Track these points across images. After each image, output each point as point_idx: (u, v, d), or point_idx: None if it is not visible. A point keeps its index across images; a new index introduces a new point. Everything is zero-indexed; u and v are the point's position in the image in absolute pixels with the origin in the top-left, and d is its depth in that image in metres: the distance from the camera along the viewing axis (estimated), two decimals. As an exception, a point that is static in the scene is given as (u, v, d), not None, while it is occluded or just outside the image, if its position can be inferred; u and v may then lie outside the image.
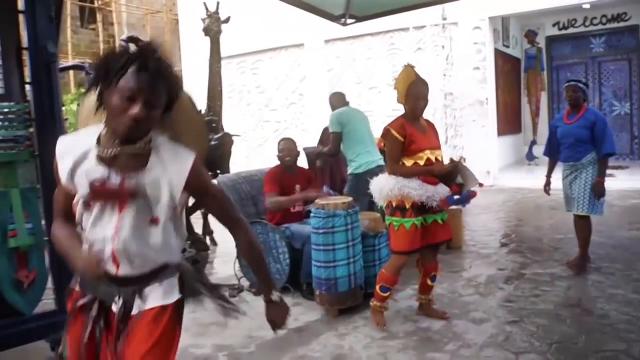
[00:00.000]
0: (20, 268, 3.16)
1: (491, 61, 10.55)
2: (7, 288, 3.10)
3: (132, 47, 1.60)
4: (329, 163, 5.91)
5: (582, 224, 4.67)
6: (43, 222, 3.25)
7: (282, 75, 12.33)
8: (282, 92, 12.43)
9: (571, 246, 5.17)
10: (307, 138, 9.43)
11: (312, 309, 4.02)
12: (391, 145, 3.52)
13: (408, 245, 3.47)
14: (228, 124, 6.25)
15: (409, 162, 3.47)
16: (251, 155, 12.36)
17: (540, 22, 12.33)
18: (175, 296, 1.75)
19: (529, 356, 3.07)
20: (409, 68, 3.62)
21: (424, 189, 3.42)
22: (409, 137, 3.45)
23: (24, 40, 3.16)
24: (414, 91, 3.51)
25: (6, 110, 3.10)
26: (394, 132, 3.47)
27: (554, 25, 12.26)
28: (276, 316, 1.95)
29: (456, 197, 3.45)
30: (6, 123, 3.09)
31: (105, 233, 1.64)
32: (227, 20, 5.65)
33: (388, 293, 3.63)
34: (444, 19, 10.36)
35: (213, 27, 5.39)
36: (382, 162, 4.73)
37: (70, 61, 11.21)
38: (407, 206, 3.43)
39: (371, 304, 3.69)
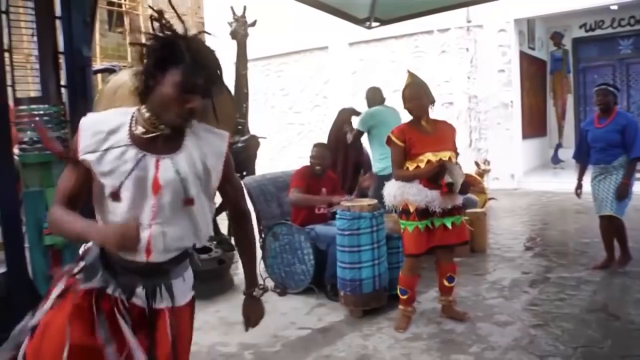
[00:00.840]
0: (54, 265, 3.26)
1: (516, 64, 10.47)
2: (42, 284, 3.20)
3: (182, 32, 1.63)
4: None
5: (610, 226, 4.65)
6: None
7: (307, 78, 12.41)
8: (306, 95, 12.50)
9: (597, 250, 5.12)
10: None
11: (336, 310, 4.06)
12: (393, 150, 3.60)
13: (413, 248, 3.53)
14: (253, 126, 6.34)
15: (411, 166, 3.51)
16: (275, 158, 12.45)
17: (566, 24, 12.19)
18: (192, 291, 1.80)
19: (553, 359, 3.08)
20: (407, 74, 3.76)
21: (423, 194, 3.45)
22: (408, 142, 3.50)
23: (60, 45, 3.29)
24: (406, 94, 3.60)
25: (43, 112, 3.21)
26: (393, 137, 3.55)
27: (580, 27, 12.11)
28: (252, 313, 1.97)
29: None
30: (43, 124, 3.20)
31: (142, 219, 1.58)
32: (253, 23, 5.74)
33: (406, 296, 3.66)
34: (469, 21, 10.34)
35: (240, 30, 5.48)
36: None
37: (98, 64, 11.43)
38: (411, 210, 3.49)
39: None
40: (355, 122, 5.69)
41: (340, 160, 5.67)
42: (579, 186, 4.91)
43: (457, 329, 3.61)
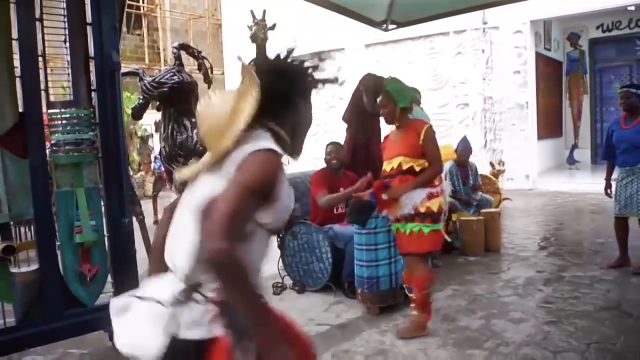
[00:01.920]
0: (84, 262, 3.40)
1: (532, 65, 10.50)
2: (72, 281, 3.35)
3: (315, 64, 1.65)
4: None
5: (627, 227, 4.76)
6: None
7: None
8: (322, 96, 12.60)
9: (612, 250, 5.18)
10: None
11: (354, 307, 4.17)
12: None
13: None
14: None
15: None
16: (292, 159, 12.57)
17: (583, 25, 12.19)
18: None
19: (567, 355, 3.15)
20: (387, 78, 3.94)
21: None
22: (383, 147, 3.73)
23: (91, 50, 3.43)
24: (378, 102, 3.76)
25: (74, 115, 3.36)
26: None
27: (597, 27, 12.10)
28: None
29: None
30: (74, 127, 3.35)
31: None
32: (273, 27, 5.84)
33: (412, 294, 3.62)
34: (485, 23, 10.39)
35: (260, 34, 5.57)
36: None
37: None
38: None
39: None
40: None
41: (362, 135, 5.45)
42: (608, 186, 4.92)
43: (473, 326, 3.69)
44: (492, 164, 8.66)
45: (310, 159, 8.16)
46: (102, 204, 3.47)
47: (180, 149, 4.96)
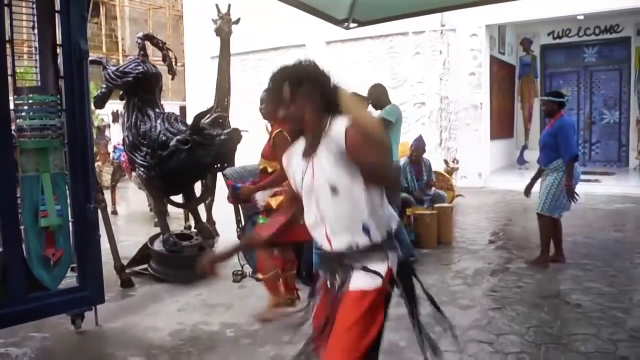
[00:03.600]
0: (48, 246, 3.45)
1: (487, 67, 10.89)
2: (35, 264, 3.40)
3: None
4: None
5: (544, 225, 5.08)
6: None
7: (284, 75, 12.62)
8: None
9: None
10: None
11: (312, 294, 4.33)
12: None
13: None
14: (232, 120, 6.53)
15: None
16: (251, 151, 12.64)
17: (535, 31, 12.70)
18: (376, 284, 1.90)
19: (508, 337, 3.41)
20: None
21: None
22: None
23: (59, 38, 3.48)
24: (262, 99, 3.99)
25: (41, 101, 3.41)
26: None
27: (549, 34, 12.63)
28: None
29: None
30: (41, 113, 3.40)
31: (316, 213, 1.91)
32: (237, 21, 5.93)
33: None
34: (443, 25, 10.72)
35: (225, 28, 5.65)
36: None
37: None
38: None
39: None
40: (376, 113, 5.38)
41: None
42: (530, 184, 5.25)
43: (423, 312, 3.90)
44: (446, 162, 8.99)
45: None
46: (67, 189, 3.53)
47: (144, 138, 5.02)
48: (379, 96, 5.46)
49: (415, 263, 5.11)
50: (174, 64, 5.63)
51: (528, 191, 5.23)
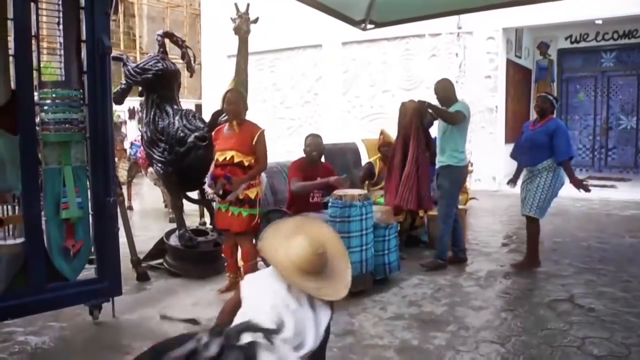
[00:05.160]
0: (68, 237, 3.52)
1: (503, 71, 10.85)
2: (55, 255, 3.46)
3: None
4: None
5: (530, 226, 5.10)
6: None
7: (299, 75, 12.69)
8: (298, 91, 12.78)
9: (568, 248, 5.53)
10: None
11: (325, 291, 4.36)
12: None
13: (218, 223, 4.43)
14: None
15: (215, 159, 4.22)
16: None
17: (553, 35, 12.62)
18: None
19: (520, 338, 3.42)
20: (231, 80, 4.59)
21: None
22: (214, 141, 4.29)
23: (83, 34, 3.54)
24: (226, 99, 4.22)
25: (65, 95, 3.48)
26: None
27: (566, 38, 12.55)
28: None
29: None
30: (64, 107, 3.47)
31: None
32: (255, 20, 5.97)
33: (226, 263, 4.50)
34: (459, 27, 10.71)
35: (243, 27, 5.70)
36: None
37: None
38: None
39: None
40: (452, 107, 5.17)
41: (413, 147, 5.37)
42: (511, 181, 5.41)
43: (437, 311, 3.94)
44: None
45: (283, 152, 8.27)
46: (88, 182, 3.60)
47: (161, 134, 5.09)
48: (446, 91, 5.23)
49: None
50: (192, 61, 5.69)
51: (512, 182, 5.36)
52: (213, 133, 4.36)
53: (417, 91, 11.21)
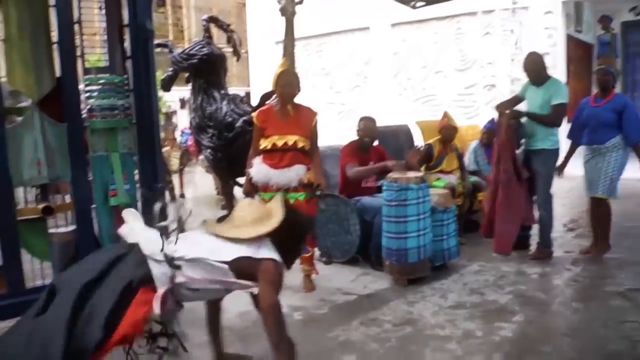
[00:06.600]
0: (118, 225, 3.47)
1: (562, 47, 10.30)
2: (106, 241, 3.42)
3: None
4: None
5: (597, 210, 4.74)
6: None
7: (347, 58, 12.45)
8: (347, 75, 12.55)
9: (640, 232, 5.13)
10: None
11: (381, 279, 4.20)
12: (254, 131, 3.94)
13: None
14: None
15: (263, 145, 3.83)
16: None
17: (615, 8, 11.88)
18: None
19: (595, 332, 3.14)
20: (282, 60, 4.15)
21: (262, 173, 3.80)
22: (263, 124, 3.83)
23: (125, 19, 3.46)
24: (280, 80, 3.83)
25: (110, 81, 3.40)
26: (254, 119, 3.90)
27: (630, 10, 11.80)
28: None
29: None
30: (110, 93, 3.39)
31: None
32: (300, 1, 5.83)
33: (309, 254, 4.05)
34: (514, 2, 10.21)
35: (289, 7, 5.57)
36: None
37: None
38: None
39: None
40: (544, 87, 4.74)
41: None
42: (564, 165, 4.98)
43: (501, 300, 3.70)
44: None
45: (334, 136, 8.09)
46: (135, 168, 3.54)
47: (210, 120, 5.01)
48: (536, 65, 4.74)
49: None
50: (238, 45, 5.58)
51: (561, 170, 4.94)
52: (256, 114, 3.95)
53: (470, 71, 10.82)
